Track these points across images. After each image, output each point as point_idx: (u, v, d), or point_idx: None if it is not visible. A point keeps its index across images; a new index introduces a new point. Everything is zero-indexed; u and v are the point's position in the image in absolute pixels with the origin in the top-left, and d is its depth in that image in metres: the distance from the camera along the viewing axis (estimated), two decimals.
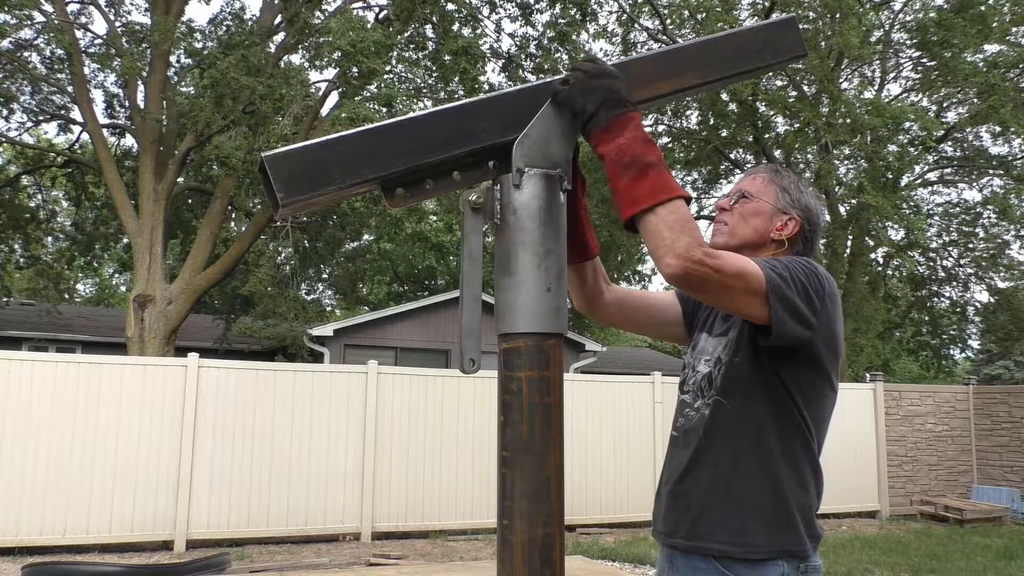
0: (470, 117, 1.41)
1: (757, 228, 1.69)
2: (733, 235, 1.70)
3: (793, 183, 1.72)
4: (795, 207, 1.70)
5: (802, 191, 1.72)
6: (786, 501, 1.53)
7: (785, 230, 1.68)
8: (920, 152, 14.32)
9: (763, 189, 1.72)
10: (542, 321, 1.36)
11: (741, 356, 1.58)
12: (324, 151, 1.33)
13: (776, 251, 1.69)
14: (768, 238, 1.69)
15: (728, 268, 1.39)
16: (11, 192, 16.53)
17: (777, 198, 1.70)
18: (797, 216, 1.70)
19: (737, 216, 1.71)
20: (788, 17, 1.67)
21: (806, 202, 1.71)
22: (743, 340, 1.58)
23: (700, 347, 1.73)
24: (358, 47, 10.77)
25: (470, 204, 1.40)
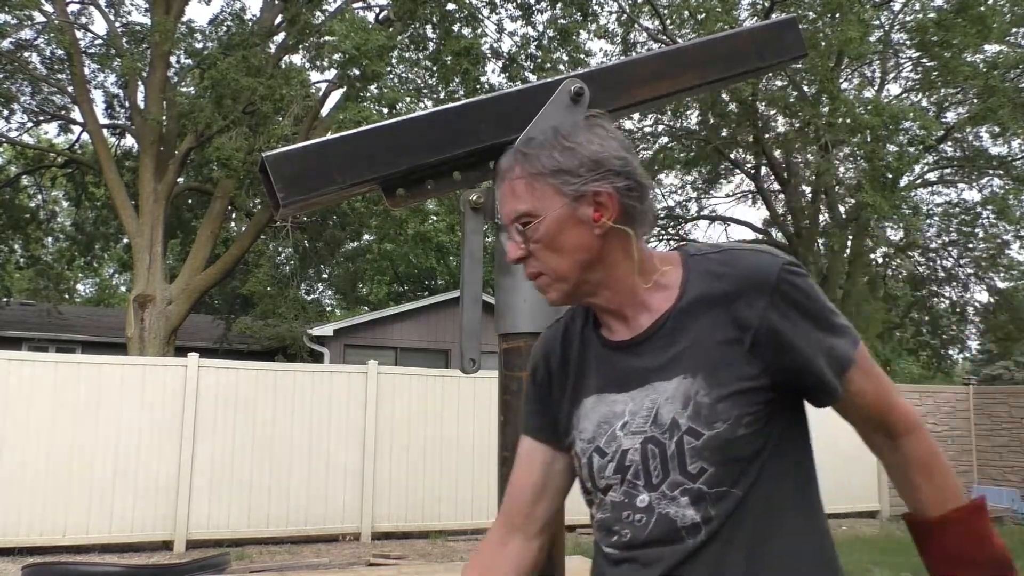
0: (470, 117, 1.41)
1: (578, 250, 1.12)
2: (564, 281, 1.14)
3: (557, 148, 1.12)
4: (586, 176, 1.11)
5: (575, 145, 1.12)
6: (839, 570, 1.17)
7: (605, 214, 1.11)
8: (920, 152, 14.33)
9: (538, 194, 1.12)
10: (542, 321, 1.37)
11: (755, 414, 1.07)
12: (325, 151, 1.34)
13: (620, 245, 1.14)
14: (597, 251, 1.12)
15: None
16: (11, 192, 16.53)
17: (560, 189, 1.11)
18: (599, 186, 1.11)
19: (543, 254, 1.13)
20: (788, 17, 1.67)
21: (592, 154, 1.12)
22: (757, 390, 1.08)
23: (607, 412, 1.14)
24: (362, 50, 10.78)
25: (470, 204, 1.40)
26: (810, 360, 1.08)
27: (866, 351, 1.14)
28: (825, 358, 1.09)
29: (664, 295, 1.14)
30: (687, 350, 1.10)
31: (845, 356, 1.10)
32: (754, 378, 1.08)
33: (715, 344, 1.09)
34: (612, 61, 1.99)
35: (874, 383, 1.13)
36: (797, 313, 1.09)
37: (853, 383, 1.11)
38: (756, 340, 1.08)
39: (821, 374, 1.09)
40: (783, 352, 1.08)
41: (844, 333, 1.12)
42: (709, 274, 1.12)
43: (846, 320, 1.14)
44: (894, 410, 1.15)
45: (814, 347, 1.09)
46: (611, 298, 1.15)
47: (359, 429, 8.78)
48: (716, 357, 1.08)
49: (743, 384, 1.07)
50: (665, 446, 1.07)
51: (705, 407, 1.06)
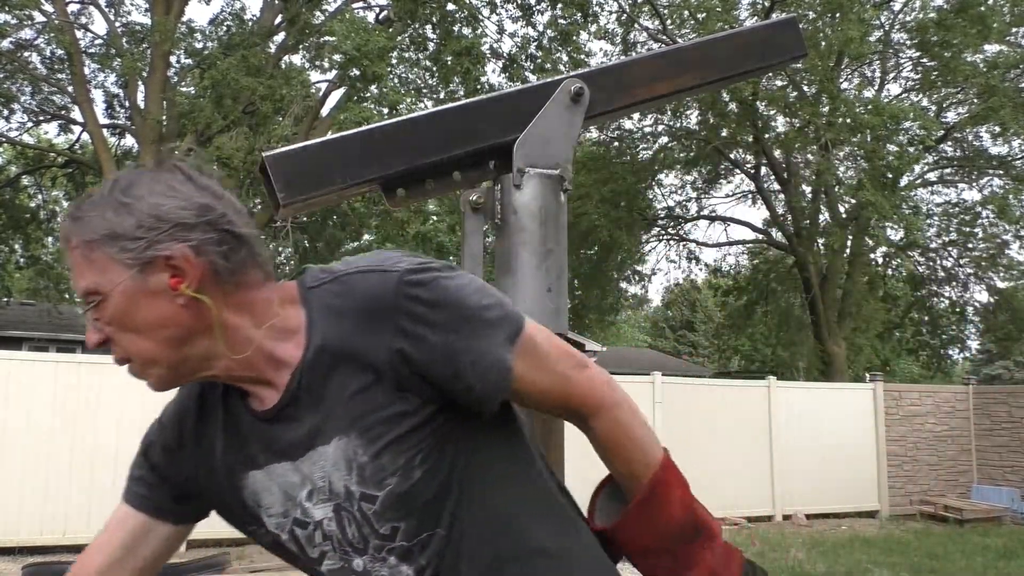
0: (470, 117, 1.41)
1: (161, 326, 0.94)
2: (156, 365, 0.98)
3: (111, 207, 0.92)
4: (149, 238, 0.91)
5: (131, 200, 0.92)
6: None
7: (184, 280, 0.92)
8: (920, 152, 14.34)
9: (98, 266, 0.92)
10: (543, 321, 1.36)
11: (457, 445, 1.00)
12: (325, 151, 1.34)
13: (223, 304, 0.95)
14: (188, 322, 0.94)
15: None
16: (11, 192, 16.53)
17: (118, 259, 0.91)
18: (167, 247, 0.91)
19: (122, 337, 0.96)
20: (789, 17, 1.67)
21: (151, 209, 0.92)
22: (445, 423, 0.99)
23: (286, 484, 1.01)
24: (362, 50, 10.79)
25: (471, 204, 1.40)
26: (455, 377, 0.96)
27: (533, 336, 1.01)
28: (473, 369, 0.96)
29: (294, 343, 0.97)
30: (333, 406, 0.96)
31: (497, 361, 0.97)
32: (409, 415, 0.96)
33: (355, 394, 0.95)
34: (612, 61, 1.99)
35: (546, 371, 1.01)
36: (429, 329, 0.94)
37: (518, 381, 0.99)
38: (396, 375, 0.95)
39: (471, 390, 0.96)
40: (426, 378, 0.95)
41: (496, 328, 0.97)
42: (330, 310, 0.97)
43: (501, 307, 1.00)
44: (572, 395, 1.03)
45: (457, 362, 0.95)
46: (232, 367, 0.97)
47: None
48: (361, 408, 0.95)
49: (399, 428, 0.95)
50: (353, 514, 0.98)
51: (368, 467, 0.95)
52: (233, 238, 0.95)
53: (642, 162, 18.16)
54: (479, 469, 1.01)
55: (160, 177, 0.96)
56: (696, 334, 36.02)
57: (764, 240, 19.54)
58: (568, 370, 1.03)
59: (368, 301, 0.95)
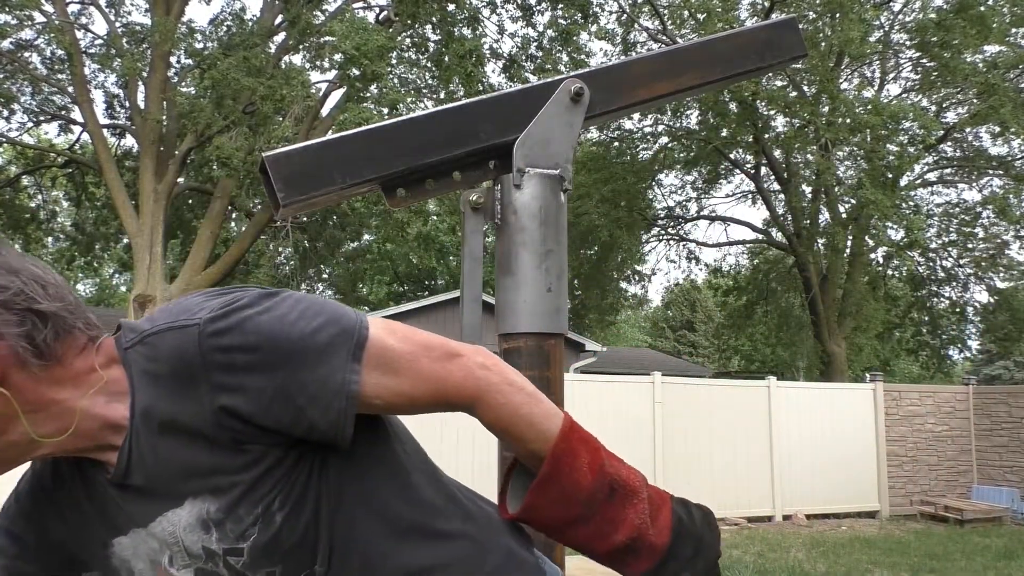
0: (470, 117, 1.41)
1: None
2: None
3: None
4: None
5: None
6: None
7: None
8: (920, 151, 14.35)
9: None
10: (543, 321, 1.37)
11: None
12: (325, 151, 1.34)
13: (33, 385, 0.86)
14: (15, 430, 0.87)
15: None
16: (11, 192, 16.55)
17: None
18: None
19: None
20: (789, 17, 1.67)
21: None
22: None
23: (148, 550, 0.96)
24: (362, 50, 10.79)
25: (471, 204, 1.40)
26: (295, 420, 0.88)
27: (382, 340, 0.92)
28: (314, 405, 0.88)
29: (123, 406, 0.90)
30: (172, 470, 0.90)
31: (340, 387, 0.88)
32: (255, 464, 0.89)
33: (193, 454, 0.89)
34: (612, 61, 1.97)
35: (407, 375, 0.93)
36: (250, 377, 0.86)
37: (374, 398, 0.91)
38: (229, 432, 0.87)
39: (315, 427, 0.89)
40: (260, 428, 0.87)
41: (331, 350, 0.88)
42: (145, 375, 0.89)
43: (333, 323, 0.90)
44: (446, 391, 0.95)
45: (293, 403, 0.87)
46: (64, 443, 0.90)
47: None
48: (202, 468, 0.89)
49: (247, 478, 0.88)
50: (220, 573, 0.92)
51: (227, 522, 0.90)
52: (36, 316, 0.85)
53: (642, 162, 18.17)
54: (350, 499, 0.94)
55: None
56: (696, 334, 36.03)
57: (764, 240, 19.56)
58: (433, 365, 0.94)
59: (175, 363, 0.86)
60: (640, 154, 18.35)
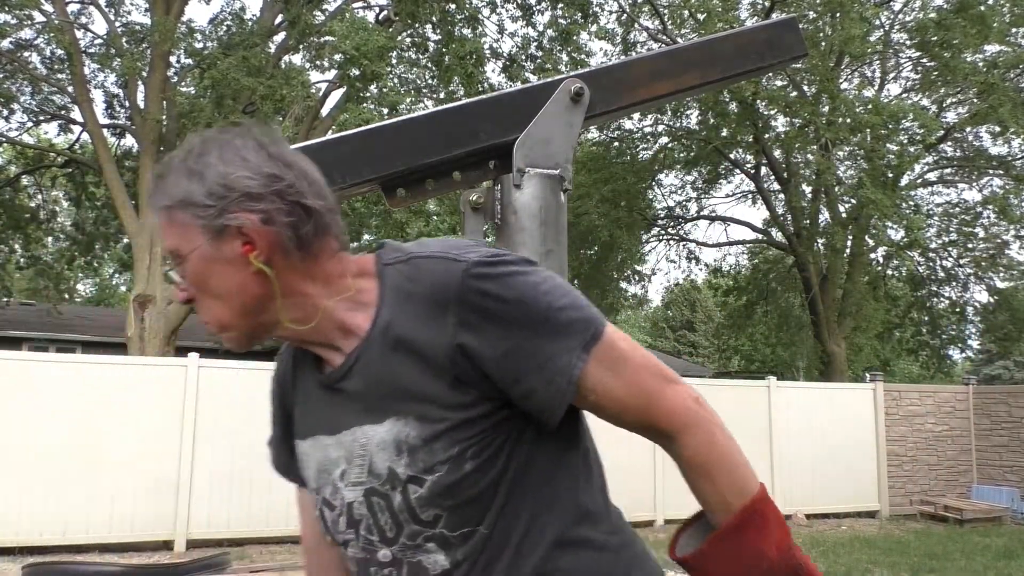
0: (470, 117, 1.41)
1: (236, 293, 0.95)
2: (230, 329, 0.99)
3: (184, 172, 0.94)
4: (219, 206, 0.91)
5: (202, 168, 0.93)
6: None
7: (253, 250, 0.92)
8: (920, 151, 14.35)
9: (178, 228, 0.94)
10: None
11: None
12: (325, 151, 1.34)
13: (293, 274, 0.96)
14: (260, 291, 0.95)
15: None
16: (11, 192, 16.53)
17: (193, 224, 0.93)
18: (237, 217, 0.92)
19: (201, 299, 0.97)
20: (789, 17, 1.67)
21: (220, 177, 0.92)
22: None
23: (323, 459, 1.03)
24: (362, 50, 10.78)
25: (470, 204, 1.40)
26: (516, 380, 0.92)
27: (614, 343, 0.95)
28: (537, 374, 0.91)
29: (364, 315, 0.97)
30: (390, 386, 0.94)
31: (565, 367, 0.92)
32: (467, 407, 0.92)
33: (417, 377, 0.93)
34: (612, 61, 1.98)
35: (625, 383, 0.95)
36: (492, 325, 0.91)
37: (590, 391, 0.94)
38: (456, 368, 0.92)
39: (532, 394, 0.92)
40: (487, 376, 0.92)
41: (567, 332, 0.92)
42: (400, 292, 0.95)
43: (577, 309, 0.94)
44: (656, 411, 0.96)
45: (520, 364, 0.91)
46: (302, 333, 0.98)
47: None
48: (421, 393, 0.93)
49: (456, 417, 0.92)
50: (391, 498, 0.95)
51: (420, 451, 0.93)
52: (302, 210, 0.94)
53: (642, 162, 18.16)
54: (533, 480, 0.96)
55: (232, 144, 0.95)
56: (696, 334, 36.01)
57: (764, 240, 19.55)
58: (651, 380, 0.96)
59: (434, 290, 0.93)
60: (640, 154, 18.34)
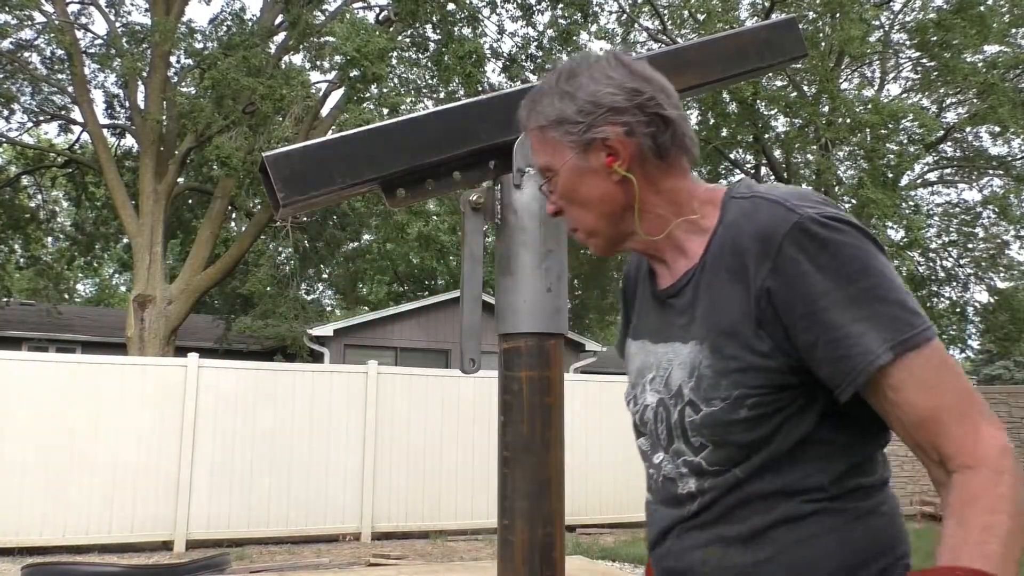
0: (470, 117, 1.41)
1: (601, 201, 1.05)
2: (596, 236, 1.09)
3: (556, 94, 1.04)
4: (587, 121, 1.02)
5: (572, 89, 1.03)
6: None
7: (616, 160, 1.02)
8: (920, 151, 14.35)
9: (549, 147, 1.06)
10: (543, 321, 1.37)
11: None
12: (325, 151, 1.34)
13: (648, 186, 1.05)
14: (621, 199, 1.04)
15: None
16: (11, 192, 16.54)
17: (564, 141, 1.04)
18: (602, 130, 1.01)
19: (570, 209, 1.08)
20: (789, 18, 1.67)
21: (589, 95, 1.02)
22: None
23: (644, 362, 1.13)
24: (362, 51, 10.78)
25: (471, 204, 1.40)
26: (812, 345, 0.90)
27: (936, 355, 0.89)
28: (832, 348, 0.89)
29: (700, 241, 1.04)
30: (703, 312, 1.00)
31: (866, 352, 0.87)
32: (763, 356, 0.93)
33: (726, 310, 0.97)
34: None
35: (931, 395, 0.88)
36: (800, 282, 0.90)
37: (889, 389, 0.89)
38: (759, 310, 0.93)
39: (823, 366, 0.90)
40: (785, 329, 0.92)
41: (884, 322, 0.88)
42: (735, 225, 0.99)
43: (902, 308, 0.89)
44: (947, 437, 0.88)
45: (819, 330, 0.89)
46: (648, 244, 1.07)
47: (359, 429, 8.78)
48: (725, 326, 0.97)
49: (748, 361, 0.94)
50: (671, 413, 1.02)
51: (706, 380, 0.97)
52: (661, 120, 1.03)
53: None
54: (800, 448, 0.95)
55: (598, 65, 1.05)
56: None
57: None
58: (959, 406, 0.88)
59: (763, 233, 0.94)
60: None
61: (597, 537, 8.95)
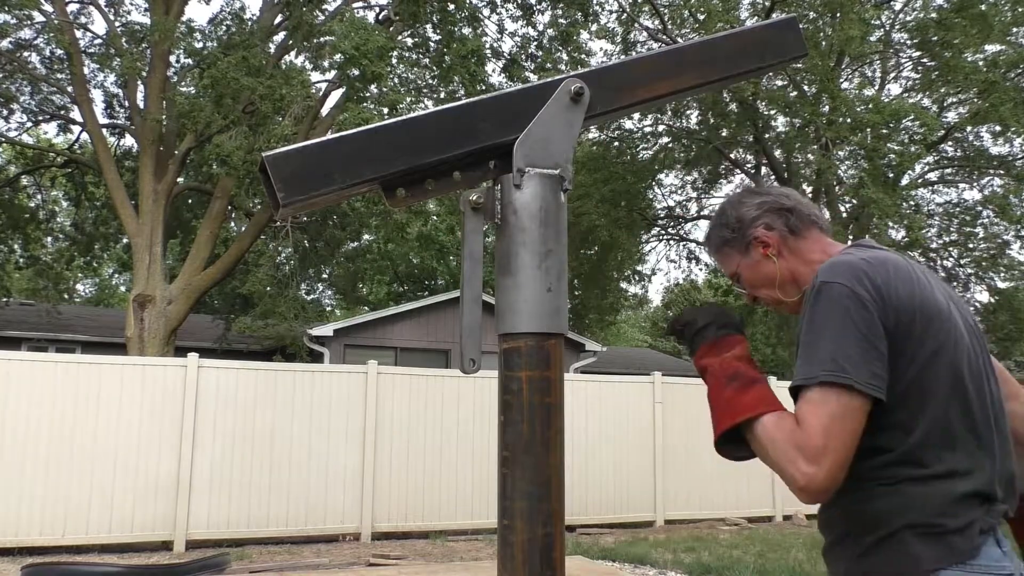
0: (470, 117, 1.41)
1: (769, 280, 1.54)
2: (780, 303, 1.57)
3: (716, 226, 1.61)
4: (744, 236, 1.55)
5: (725, 219, 1.58)
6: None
7: (768, 248, 1.52)
8: (921, 150, 14.34)
9: (727, 259, 1.60)
10: (543, 321, 1.36)
11: None
12: (325, 151, 1.33)
13: (789, 259, 1.54)
14: (776, 273, 1.52)
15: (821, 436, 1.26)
16: (11, 192, 16.53)
17: (735, 251, 1.58)
18: (757, 233, 1.53)
19: (761, 292, 1.58)
20: (789, 17, 1.66)
21: (740, 215, 1.56)
22: None
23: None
24: (362, 50, 10.77)
25: (470, 204, 1.40)
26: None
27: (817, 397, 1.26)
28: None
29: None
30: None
31: (799, 370, 1.30)
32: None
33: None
34: (612, 61, 2.00)
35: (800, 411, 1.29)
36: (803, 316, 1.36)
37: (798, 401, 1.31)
38: None
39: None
40: None
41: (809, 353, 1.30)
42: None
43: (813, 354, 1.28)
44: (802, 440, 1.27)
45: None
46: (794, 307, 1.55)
47: (359, 429, 8.78)
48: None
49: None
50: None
51: None
52: (786, 211, 1.53)
53: (642, 162, 18.16)
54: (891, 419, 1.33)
55: (735, 197, 1.62)
56: None
57: None
58: (802, 428, 1.30)
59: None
60: (640, 154, 18.34)
61: (597, 537, 8.95)
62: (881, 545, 1.29)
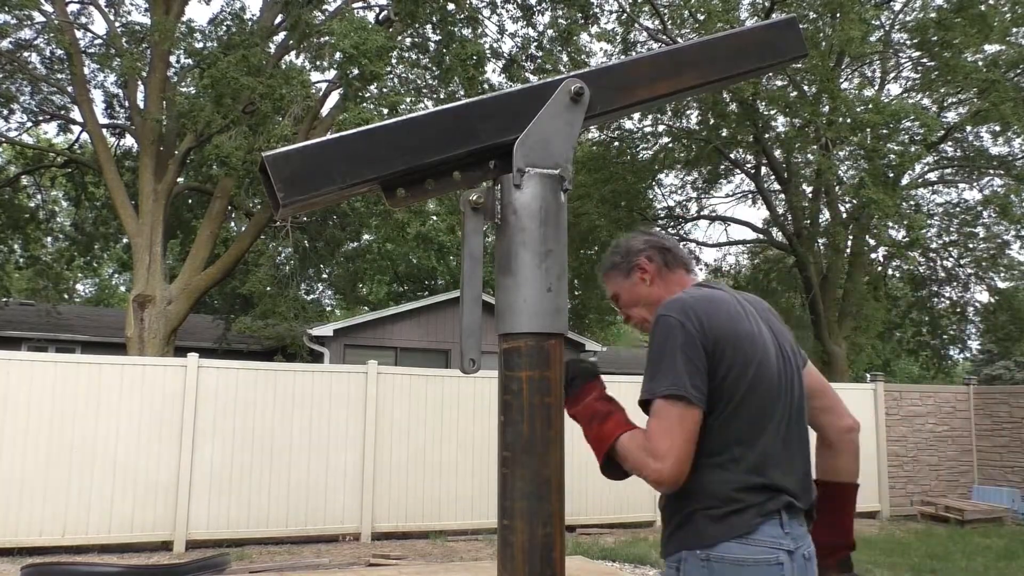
0: (471, 117, 1.41)
1: (641, 301, 1.90)
2: (645, 320, 1.88)
3: (610, 253, 1.99)
4: (629, 262, 1.92)
5: (618, 248, 1.97)
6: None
7: (645, 275, 1.90)
8: (921, 150, 14.33)
9: (613, 283, 1.97)
10: (543, 321, 1.36)
11: None
12: (325, 151, 1.33)
13: (658, 287, 1.89)
14: (648, 296, 1.89)
15: (664, 441, 1.58)
16: (11, 192, 16.53)
17: (620, 274, 1.94)
18: (640, 262, 1.90)
19: (632, 311, 1.93)
20: (789, 17, 1.66)
21: (629, 246, 1.94)
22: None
23: None
24: (361, 49, 10.76)
25: (471, 204, 1.40)
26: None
27: (660, 408, 1.58)
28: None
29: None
30: None
31: (645, 385, 1.63)
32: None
33: None
34: (612, 61, 1.99)
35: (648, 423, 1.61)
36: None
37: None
38: None
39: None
40: None
41: (652, 370, 1.62)
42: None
43: (657, 374, 1.59)
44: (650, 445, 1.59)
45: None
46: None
47: (359, 429, 8.78)
48: None
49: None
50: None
51: None
52: (665, 250, 1.91)
53: (642, 162, 18.15)
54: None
55: (631, 235, 1.98)
56: None
57: (764, 240, 19.54)
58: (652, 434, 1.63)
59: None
60: (640, 154, 18.33)
61: (597, 537, 8.95)
62: (682, 524, 1.62)
